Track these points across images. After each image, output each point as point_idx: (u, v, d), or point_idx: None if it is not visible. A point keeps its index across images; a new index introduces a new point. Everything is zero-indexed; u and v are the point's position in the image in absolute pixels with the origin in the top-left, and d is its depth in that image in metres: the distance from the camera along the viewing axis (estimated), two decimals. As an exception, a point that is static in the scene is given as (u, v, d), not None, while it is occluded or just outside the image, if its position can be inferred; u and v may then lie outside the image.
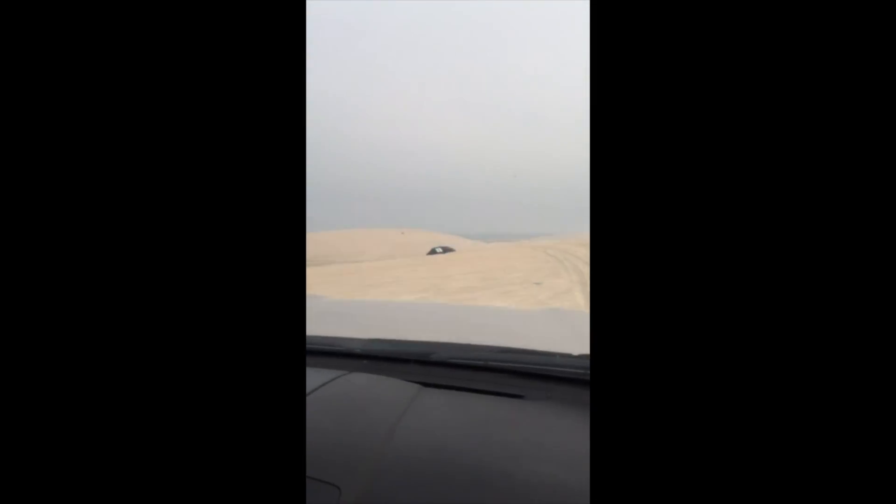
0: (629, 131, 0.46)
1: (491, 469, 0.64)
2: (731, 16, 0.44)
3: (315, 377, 0.87)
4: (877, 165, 0.42)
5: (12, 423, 0.44)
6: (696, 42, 0.45)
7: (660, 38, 0.45)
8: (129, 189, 0.46)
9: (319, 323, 1.44)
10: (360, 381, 0.89)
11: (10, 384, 0.44)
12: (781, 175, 0.43)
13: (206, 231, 0.47)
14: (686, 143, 0.45)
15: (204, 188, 0.47)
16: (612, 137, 0.46)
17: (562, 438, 0.74)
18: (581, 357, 0.95)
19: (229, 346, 0.47)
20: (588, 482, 0.55)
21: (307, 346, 1.06)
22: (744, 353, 0.43)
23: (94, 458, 0.44)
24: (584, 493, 0.58)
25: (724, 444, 0.42)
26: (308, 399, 0.78)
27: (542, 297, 8.30)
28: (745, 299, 0.43)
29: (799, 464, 0.41)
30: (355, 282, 13.12)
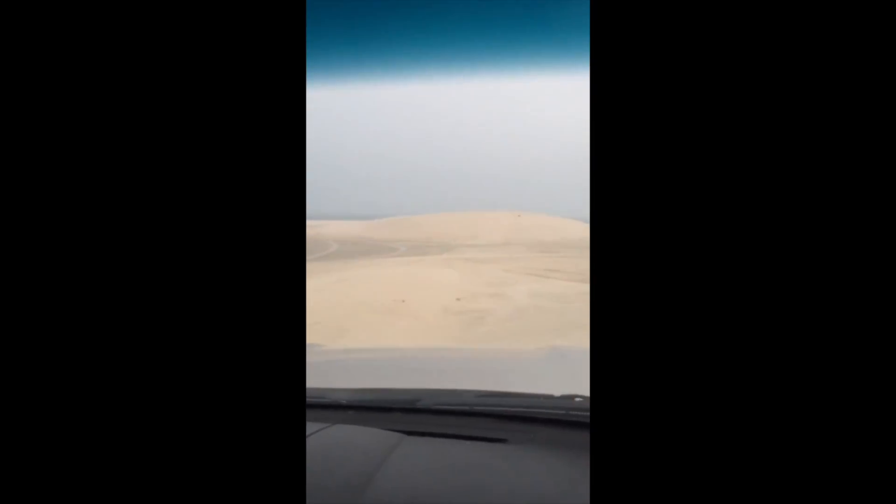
0: (630, 131, 0.46)
1: None
2: (732, 15, 0.44)
3: None
4: (877, 165, 0.42)
5: (12, 423, 0.44)
6: (696, 42, 0.45)
7: (660, 37, 0.45)
8: (129, 188, 0.46)
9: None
10: (341, 434, 0.89)
11: (10, 384, 0.44)
12: (781, 174, 0.43)
13: (205, 237, 0.47)
14: (687, 143, 0.45)
15: (203, 196, 0.47)
16: (613, 137, 0.46)
17: (542, 482, 0.74)
18: (563, 398, 0.94)
19: (226, 360, 0.46)
20: None
21: None
22: (747, 366, 0.43)
23: (93, 461, 0.44)
24: None
25: (728, 461, 0.42)
26: None
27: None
28: (746, 305, 0.43)
29: (800, 481, 0.41)
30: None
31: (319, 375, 1.24)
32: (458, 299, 7.89)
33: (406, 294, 8.27)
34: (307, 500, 0.60)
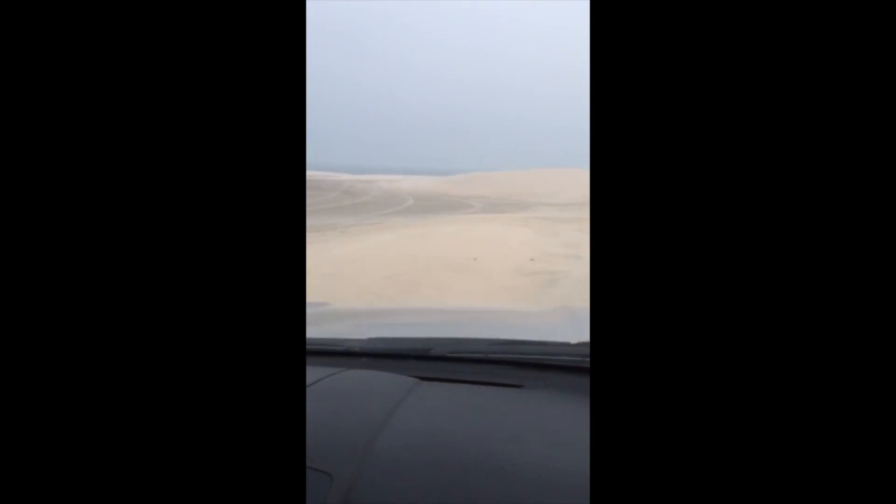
0: (630, 130, 0.46)
1: (486, 454, 0.64)
2: (732, 15, 0.44)
3: (311, 374, 0.85)
4: (877, 165, 0.42)
5: (12, 423, 0.44)
6: (696, 41, 0.45)
7: (660, 37, 0.46)
8: (129, 187, 0.47)
9: None
10: (356, 377, 0.89)
11: (10, 384, 0.44)
12: (781, 174, 0.44)
13: (205, 229, 0.48)
14: (687, 142, 0.45)
15: (203, 187, 0.48)
16: (613, 136, 0.46)
17: (559, 424, 0.74)
18: (579, 345, 0.93)
19: (228, 341, 0.47)
20: (586, 464, 0.58)
21: (307, 346, 0.99)
22: (742, 348, 0.43)
23: (94, 457, 0.45)
24: (581, 475, 0.58)
25: (721, 434, 0.43)
26: None
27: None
28: (743, 295, 0.44)
29: (798, 461, 0.41)
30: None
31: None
32: (531, 259, 7.65)
33: (479, 252, 8.12)
34: (324, 440, 0.61)
